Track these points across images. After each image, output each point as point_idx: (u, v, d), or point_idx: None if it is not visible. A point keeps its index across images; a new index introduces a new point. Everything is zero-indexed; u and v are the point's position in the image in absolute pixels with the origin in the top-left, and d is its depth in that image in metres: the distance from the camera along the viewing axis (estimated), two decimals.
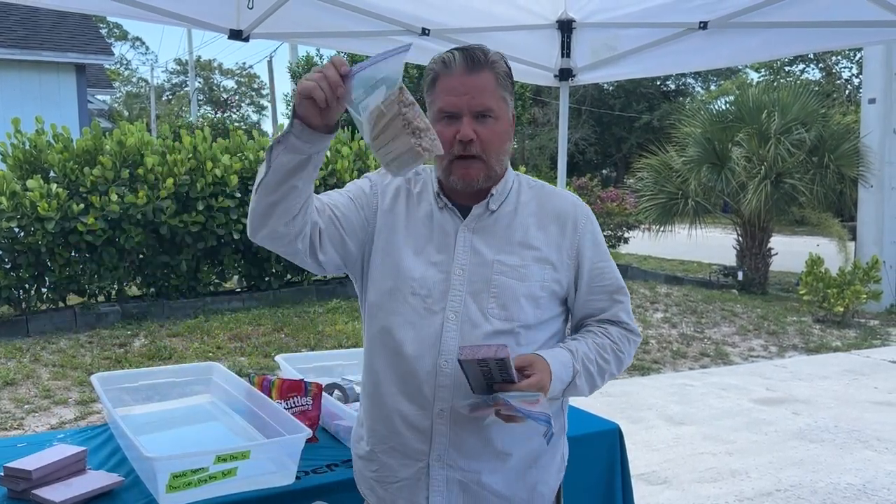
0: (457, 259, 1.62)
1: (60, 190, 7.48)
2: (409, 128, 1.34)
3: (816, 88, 13.69)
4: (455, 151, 1.58)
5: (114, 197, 7.63)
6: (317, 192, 1.57)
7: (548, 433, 1.43)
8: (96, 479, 1.93)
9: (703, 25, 3.13)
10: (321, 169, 8.70)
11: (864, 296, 9.10)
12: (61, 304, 7.95)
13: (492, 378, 1.46)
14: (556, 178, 3.84)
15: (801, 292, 9.57)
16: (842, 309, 9.06)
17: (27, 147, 7.81)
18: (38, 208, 7.23)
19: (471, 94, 1.56)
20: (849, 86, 27.17)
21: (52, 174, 7.80)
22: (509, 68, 1.65)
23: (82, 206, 7.53)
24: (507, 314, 1.60)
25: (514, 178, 1.73)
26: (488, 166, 1.61)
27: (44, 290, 7.79)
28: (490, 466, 1.61)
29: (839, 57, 27.13)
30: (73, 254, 7.76)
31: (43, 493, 1.84)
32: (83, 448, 2.03)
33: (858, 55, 22.67)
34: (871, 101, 10.50)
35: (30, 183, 7.38)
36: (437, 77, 1.61)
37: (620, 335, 1.70)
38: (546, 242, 1.66)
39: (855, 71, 26.81)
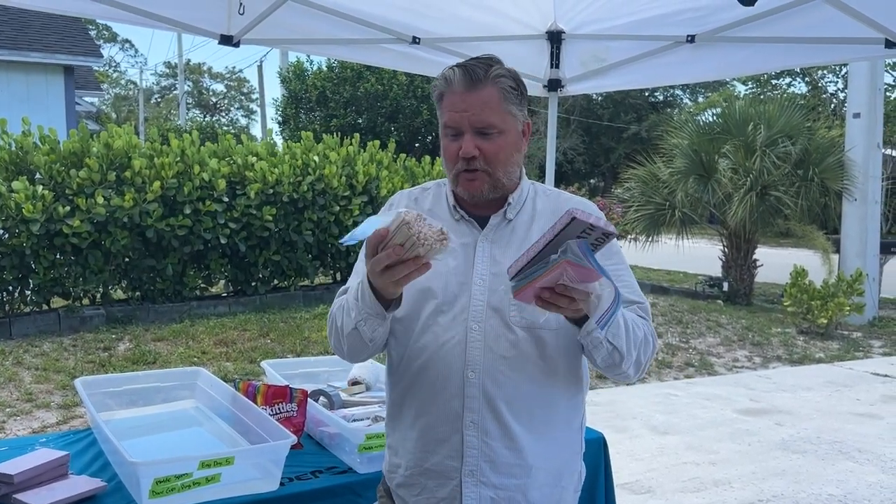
0: (477, 269, 1.62)
1: (46, 192, 7.43)
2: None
3: (802, 102, 13.80)
4: (459, 167, 1.59)
5: (100, 199, 7.58)
6: (306, 196, 1.58)
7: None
8: (79, 484, 1.92)
9: (691, 39, 3.17)
10: (309, 174, 8.78)
11: (848, 308, 9.17)
12: (45, 307, 7.89)
13: None
14: None
15: (785, 304, 9.64)
16: (825, 321, 9.12)
17: (13, 148, 7.76)
18: (24, 210, 7.18)
19: (471, 110, 1.56)
20: (834, 100, 27.45)
21: (38, 176, 7.74)
22: (517, 80, 1.63)
23: (68, 208, 7.48)
24: (530, 321, 1.59)
25: (530, 186, 1.73)
26: (494, 178, 1.61)
27: (27, 292, 7.72)
28: (521, 483, 1.60)
29: (825, 71, 27.41)
30: (57, 256, 7.70)
31: (25, 497, 1.83)
32: (66, 453, 2.02)
33: (844, 70, 22.93)
34: (856, 115, 10.62)
35: (15, 184, 7.33)
36: (443, 93, 1.62)
37: (645, 322, 1.63)
38: None
39: (840, 85, 27.11)
